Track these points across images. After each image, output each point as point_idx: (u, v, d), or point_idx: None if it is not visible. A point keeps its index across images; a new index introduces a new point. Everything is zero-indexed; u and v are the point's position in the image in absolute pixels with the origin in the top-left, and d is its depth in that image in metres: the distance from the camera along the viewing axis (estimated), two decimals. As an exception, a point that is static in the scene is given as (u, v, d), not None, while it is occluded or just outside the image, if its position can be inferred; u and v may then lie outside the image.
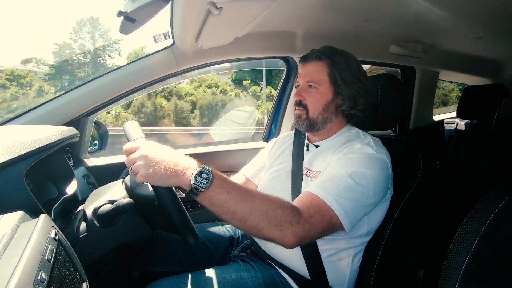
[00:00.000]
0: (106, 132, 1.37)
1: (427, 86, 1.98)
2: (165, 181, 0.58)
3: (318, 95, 0.87)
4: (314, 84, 0.87)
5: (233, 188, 0.60)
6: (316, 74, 0.87)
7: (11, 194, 0.57)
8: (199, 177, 0.57)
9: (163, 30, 1.18)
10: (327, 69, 0.86)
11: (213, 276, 0.79)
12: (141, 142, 0.62)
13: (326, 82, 0.86)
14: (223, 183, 0.60)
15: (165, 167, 0.57)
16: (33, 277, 0.38)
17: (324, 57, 0.86)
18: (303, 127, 0.90)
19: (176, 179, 0.58)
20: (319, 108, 0.87)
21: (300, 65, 0.94)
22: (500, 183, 0.50)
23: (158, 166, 0.57)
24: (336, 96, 0.87)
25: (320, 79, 0.86)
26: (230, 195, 0.59)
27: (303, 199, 0.69)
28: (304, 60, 0.91)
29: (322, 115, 0.87)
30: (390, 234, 0.82)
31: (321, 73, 0.86)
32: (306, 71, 0.89)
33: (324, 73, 0.86)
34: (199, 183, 0.57)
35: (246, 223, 0.60)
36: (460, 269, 0.46)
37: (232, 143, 1.75)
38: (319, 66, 0.87)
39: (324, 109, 0.87)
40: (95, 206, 0.73)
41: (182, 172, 0.58)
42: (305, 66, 0.90)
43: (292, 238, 0.61)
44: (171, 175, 0.57)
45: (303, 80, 0.89)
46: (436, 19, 1.21)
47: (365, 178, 0.71)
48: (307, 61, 0.90)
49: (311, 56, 0.89)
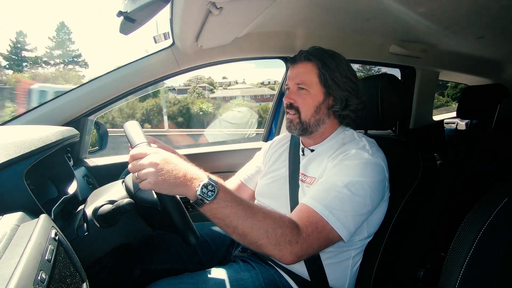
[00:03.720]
0: (106, 132, 1.37)
1: (427, 86, 1.98)
2: (172, 190, 0.59)
3: (309, 97, 0.85)
4: (304, 86, 0.85)
5: (236, 203, 0.61)
6: (306, 76, 0.85)
7: (11, 194, 0.57)
8: (205, 189, 0.58)
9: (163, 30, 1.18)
10: (316, 70, 0.84)
11: (214, 276, 0.79)
12: (149, 148, 0.61)
13: (316, 84, 0.85)
14: (227, 197, 0.60)
15: (174, 176, 0.58)
16: (33, 277, 0.38)
17: (313, 58, 0.85)
18: (296, 131, 0.88)
19: (183, 189, 0.59)
20: (311, 110, 0.85)
21: (289, 67, 0.92)
22: (500, 183, 0.50)
23: (168, 175, 0.57)
24: (327, 97, 0.85)
25: (311, 81, 0.85)
26: (233, 209, 0.60)
27: (301, 214, 0.69)
28: (293, 62, 0.89)
29: (315, 117, 0.86)
30: (390, 235, 0.82)
31: (311, 74, 0.85)
32: (295, 73, 0.87)
33: (314, 75, 0.85)
34: (205, 195, 0.58)
35: (246, 238, 0.61)
36: (460, 269, 0.46)
37: (231, 143, 1.75)
38: (308, 68, 0.85)
39: (316, 111, 0.85)
40: (95, 206, 0.73)
41: (190, 182, 0.59)
42: (293, 68, 0.88)
43: (290, 257, 0.63)
44: (179, 185, 0.58)
45: (293, 83, 0.87)
46: (436, 19, 1.21)
47: (361, 187, 0.71)
48: (296, 62, 0.88)
49: (299, 57, 0.87)
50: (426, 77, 1.95)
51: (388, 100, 0.96)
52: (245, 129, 2.74)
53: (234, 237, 0.62)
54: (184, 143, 8.83)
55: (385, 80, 0.99)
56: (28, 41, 27.89)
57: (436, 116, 2.42)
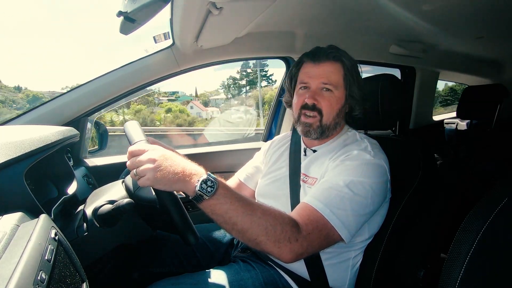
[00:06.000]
0: (106, 132, 1.37)
1: (427, 86, 1.98)
2: (171, 186, 0.58)
3: (333, 99, 0.81)
4: (330, 87, 0.81)
5: (236, 199, 0.60)
6: (334, 76, 0.81)
7: (11, 194, 0.57)
8: (204, 184, 0.58)
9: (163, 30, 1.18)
10: (343, 72, 0.81)
11: (214, 277, 0.79)
12: (147, 145, 0.61)
13: (341, 86, 0.82)
14: (227, 193, 0.60)
15: (173, 171, 0.57)
16: (33, 277, 0.38)
17: (343, 58, 0.82)
18: (315, 135, 0.84)
19: (182, 185, 0.58)
20: (333, 113, 0.82)
21: (307, 65, 0.86)
22: (500, 183, 0.50)
23: (167, 171, 0.57)
24: (347, 101, 0.84)
25: (337, 82, 0.81)
26: (233, 205, 0.59)
27: (301, 212, 0.69)
28: (317, 60, 0.83)
29: (335, 120, 0.83)
30: (390, 235, 0.82)
31: (338, 75, 0.81)
32: (321, 72, 0.82)
33: (340, 76, 0.81)
34: (204, 191, 0.57)
35: (245, 235, 0.60)
36: (460, 269, 0.46)
37: (231, 143, 1.75)
38: (336, 67, 0.81)
39: (337, 114, 0.83)
40: (95, 206, 0.73)
41: (188, 178, 0.58)
42: (318, 66, 0.83)
43: (289, 255, 0.62)
44: (178, 180, 0.58)
45: (317, 82, 0.82)
46: (436, 19, 1.21)
47: (362, 187, 0.71)
48: (321, 60, 0.82)
49: (326, 55, 0.82)
50: (426, 77, 1.95)
51: (388, 100, 0.96)
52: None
53: (233, 234, 0.62)
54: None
55: (385, 80, 0.99)
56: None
57: (436, 116, 2.42)
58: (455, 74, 2.25)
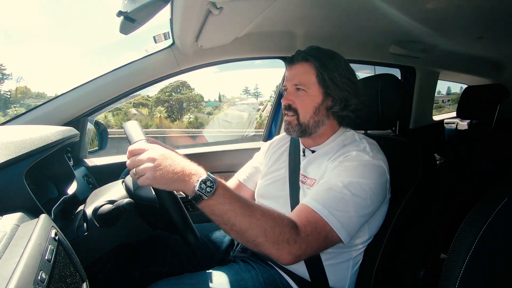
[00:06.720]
0: (106, 132, 1.37)
1: (427, 86, 1.98)
2: (170, 185, 0.58)
3: (307, 98, 0.84)
4: (302, 87, 0.83)
5: (235, 200, 0.60)
6: (304, 77, 0.83)
7: (11, 194, 0.57)
8: (203, 184, 0.58)
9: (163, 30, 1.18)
10: (314, 71, 0.83)
11: (214, 277, 0.79)
12: (147, 145, 0.61)
13: (314, 84, 0.83)
14: (226, 194, 0.60)
15: (172, 171, 0.57)
16: (33, 277, 0.38)
17: (311, 58, 0.83)
18: (294, 133, 0.87)
19: (181, 184, 0.58)
20: (310, 112, 0.84)
21: (286, 68, 0.90)
22: (500, 183, 0.50)
23: (166, 170, 0.57)
24: (326, 98, 0.84)
25: (309, 81, 0.83)
26: (232, 206, 0.59)
27: (300, 213, 0.68)
28: (290, 62, 0.87)
29: (313, 118, 0.84)
30: (390, 235, 0.82)
31: (309, 75, 0.83)
32: (293, 74, 0.85)
33: (312, 75, 0.83)
34: (203, 191, 0.57)
35: (243, 236, 0.60)
36: (460, 269, 0.46)
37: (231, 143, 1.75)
38: (306, 68, 0.84)
39: (315, 112, 0.84)
40: (95, 206, 0.73)
41: (188, 177, 0.58)
42: (291, 69, 0.86)
43: (288, 257, 0.62)
44: (177, 180, 0.58)
45: (291, 84, 0.86)
46: (436, 19, 1.22)
47: (361, 188, 0.70)
48: (293, 63, 0.86)
49: (297, 57, 0.85)
50: (426, 77, 1.95)
51: (388, 100, 0.96)
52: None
53: (232, 235, 0.62)
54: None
55: (385, 80, 0.99)
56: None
57: (436, 116, 2.43)
58: (455, 74, 2.25)
